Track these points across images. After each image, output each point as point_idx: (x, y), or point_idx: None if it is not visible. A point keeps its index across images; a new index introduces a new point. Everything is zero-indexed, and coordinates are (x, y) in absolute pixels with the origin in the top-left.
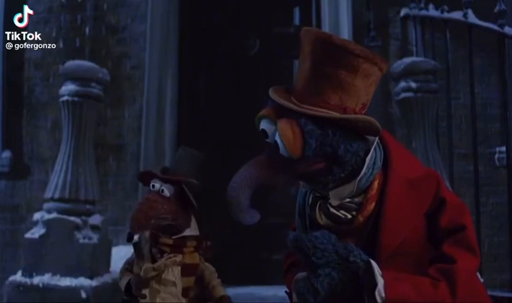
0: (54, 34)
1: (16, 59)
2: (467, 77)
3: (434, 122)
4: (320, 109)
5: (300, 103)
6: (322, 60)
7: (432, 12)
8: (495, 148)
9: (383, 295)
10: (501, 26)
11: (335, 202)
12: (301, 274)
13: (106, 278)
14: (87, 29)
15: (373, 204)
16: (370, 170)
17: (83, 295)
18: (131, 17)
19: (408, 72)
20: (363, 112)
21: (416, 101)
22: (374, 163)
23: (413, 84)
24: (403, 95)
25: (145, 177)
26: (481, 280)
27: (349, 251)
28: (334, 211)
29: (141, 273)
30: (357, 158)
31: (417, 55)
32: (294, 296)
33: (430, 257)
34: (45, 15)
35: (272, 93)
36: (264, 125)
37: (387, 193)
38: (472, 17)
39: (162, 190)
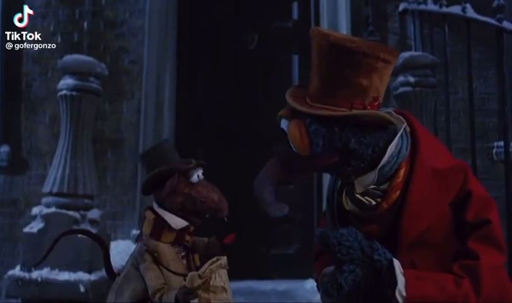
0: (51, 28)
1: (14, 53)
2: (465, 71)
3: (432, 117)
4: (327, 107)
5: (312, 102)
6: (327, 61)
7: (431, 6)
8: (493, 142)
9: (403, 293)
10: (499, 20)
11: (359, 189)
12: (328, 269)
13: (104, 273)
14: (85, 24)
15: (398, 192)
16: (394, 159)
17: (82, 289)
18: (130, 12)
19: (406, 67)
20: (376, 104)
21: (415, 96)
22: (399, 151)
23: (411, 79)
24: (401, 89)
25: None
26: None
27: (374, 249)
28: (359, 196)
29: (187, 283)
30: (375, 148)
31: (415, 50)
32: (321, 294)
33: (453, 250)
34: (43, 10)
35: (288, 94)
36: (282, 124)
37: (412, 182)
38: (470, 12)
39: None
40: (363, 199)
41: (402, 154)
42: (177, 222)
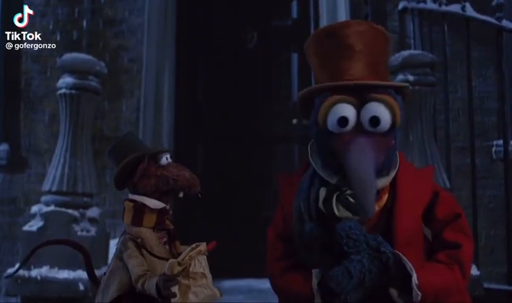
0: (51, 27)
1: (14, 52)
2: (464, 70)
3: (431, 115)
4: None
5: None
6: (371, 44)
7: (430, 5)
8: (492, 141)
9: (417, 282)
10: (499, 19)
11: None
12: (317, 271)
13: (104, 271)
14: (84, 22)
15: (387, 194)
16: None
17: (81, 287)
18: (129, 10)
19: (406, 65)
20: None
21: (414, 94)
22: None
23: (411, 77)
24: None
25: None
26: (478, 273)
27: (379, 242)
28: (353, 200)
29: (166, 270)
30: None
31: (415, 48)
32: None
33: (424, 246)
34: (42, 8)
35: (343, 79)
36: (345, 110)
37: (398, 184)
38: (470, 11)
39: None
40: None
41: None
42: (155, 203)
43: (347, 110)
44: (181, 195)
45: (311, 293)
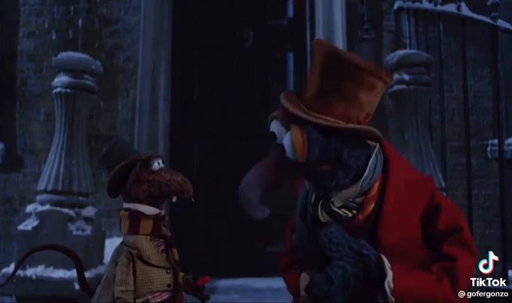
0: (46, 26)
1: (9, 51)
2: (460, 70)
3: (427, 115)
4: (326, 117)
5: (308, 109)
6: (330, 72)
7: (426, 4)
8: (487, 140)
9: (391, 286)
10: (494, 18)
11: (338, 203)
12: (306, 273)
13: (100, 270)
14: (80, 21)
15: (373, 204)
16: (371, 174)
17: (76, 287)
18: (125, 9)
19: (401, 65)
20: (368, 120)
21: (409, 94)
22: (375, 167)
23: (406, 77)
24: (396, 87)
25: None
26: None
27: (362, 245)
28: (336, 209)
29: None
30: (359, 163)
31: (410, 48)
32: (302, 292)
33: (424, 257)
34: (38, 7)
35: (282, 98)
36: (274, 127)
37: (387, 193)
38: (465, 10)
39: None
40: (340, 212)
41: (378, 169)
42: (149, 209)
43: (276, 127)
44: (174, 199)
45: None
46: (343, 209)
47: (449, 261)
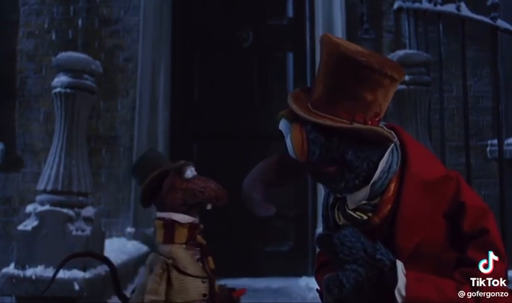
0: (46, 26)
1: (9, 50)
2: (459, 70)
3: (426, 115)
4: (328, 117)
5: (313, 109)
6: (333, 71)
7: (425, 4)
8: (487, 140)
9: (403, 293)
10: (494, 19)
11: (352, 205)
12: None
13: (99, 270)
14: (80, 21)
15: (389, 206)
16: (385, 174)
17: (76, 287)
18: (124, 9)
19: (401, 65)
20: (377, 119)
21: (409, 94)
22: (390, 167)
23: (406, 77)
24: None
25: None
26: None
27: (377, 249)
28: (350, 212)
29: None
30: (370, 163)
31: (410, 48)
32: (324, 293)
33: (450, 260)
34: (38, 7)
35: (289, 97)
36: (281, 125)
37: (403, 196)
38: (465, 10)
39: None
40: (355, 215)
41: (393, 170)
42: (184, 218)
43: (283, 126)
44: (208, 207)
45: None
46: (358, 212)
47: (472, 267)
